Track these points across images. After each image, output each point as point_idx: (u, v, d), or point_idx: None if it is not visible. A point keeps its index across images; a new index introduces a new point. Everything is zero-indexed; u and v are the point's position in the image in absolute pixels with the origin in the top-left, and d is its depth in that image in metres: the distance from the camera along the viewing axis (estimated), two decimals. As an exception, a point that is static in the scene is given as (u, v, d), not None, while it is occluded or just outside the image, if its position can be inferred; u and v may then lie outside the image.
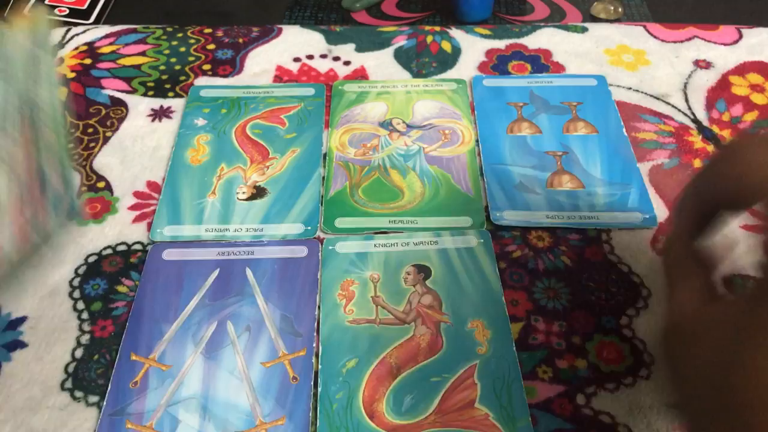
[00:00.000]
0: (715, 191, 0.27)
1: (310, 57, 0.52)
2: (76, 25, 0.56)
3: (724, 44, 0.53)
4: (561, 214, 0.40)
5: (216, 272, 0.37)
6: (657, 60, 0.51)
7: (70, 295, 0.37)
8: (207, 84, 0.50)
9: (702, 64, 0.51)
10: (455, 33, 0.54)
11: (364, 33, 0.55)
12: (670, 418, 0.32)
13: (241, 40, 0.54)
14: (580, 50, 0.52)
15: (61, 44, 0.53)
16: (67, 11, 0.58)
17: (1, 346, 0.34)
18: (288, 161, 0.44)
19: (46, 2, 0.59)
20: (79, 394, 0.33)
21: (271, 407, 0.32)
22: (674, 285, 0.28)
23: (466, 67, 0.51)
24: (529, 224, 0.40)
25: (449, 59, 0.52)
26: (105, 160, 0.44)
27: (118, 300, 0.36)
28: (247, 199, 0.41)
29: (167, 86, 0.50)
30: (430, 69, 0.51)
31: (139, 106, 0.48)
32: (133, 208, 0.41)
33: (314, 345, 0.34)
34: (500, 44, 0.53)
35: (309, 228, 0.40)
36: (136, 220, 0.40)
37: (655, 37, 0.53)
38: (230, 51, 0.53)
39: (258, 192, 0.42)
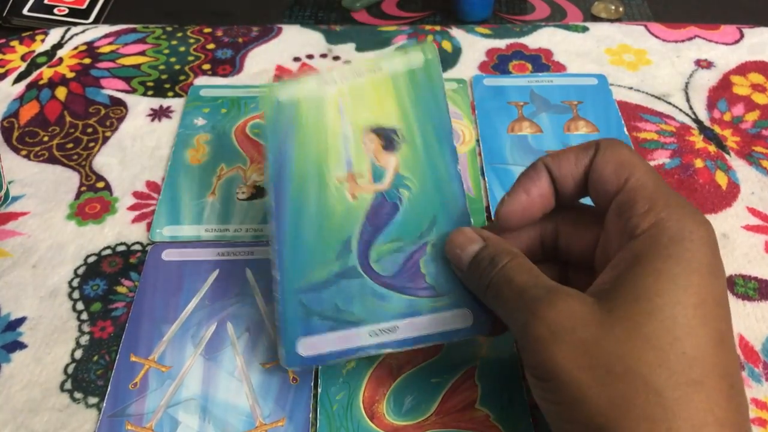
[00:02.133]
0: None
1: (310, 56, 0.52)
2: (75, 24, 0.56)
3: (726, 44, 0.52)
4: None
5: (216, 273, 0.37)
6: (658, 59, 0.51)
7: (70, 295, 0.37)
8: (207, 84, 0.50)
9: (703, 64, 0.51)
10: (456, 32, 0.54)
11: (364, 32, 0.54)
12: None
13: (240, 40, 0.54)
14: (581, 50, 0.52)
15: (61, 44, 0.53)
16: (67, 11, 0.58)
17: (0, 347, 0.34)
18: (288, 161, 0.44)
19: (46, 2, 0.59)
20: (78, 395, 0.32)
21: (270, 408, 0.32)
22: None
23: (467, 67, 0.51)
24: (530, 224, 0.39)
25: (450, 59, 0.52)
26: (104, 160, 0.44)
27: (117, 301, 0.36)
28: (246, 199, 0.41)
29: (167, 86, 0.50)
30: (431, 68, 0.51)
31: (139, 105, 0.48)
32: (132, 208, 0.41)
33: (314, 346, 0.34)
34: (501, 44, 0.53)
35: (309, 228, 0.39)
36: (136, 220, 0.40)
37: (656, 36, 0.53)
38: (230, 50, 0.53)
39: (258, 192, 0.42)
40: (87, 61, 0.52)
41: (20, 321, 0.35)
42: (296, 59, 0.52)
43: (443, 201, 0.32)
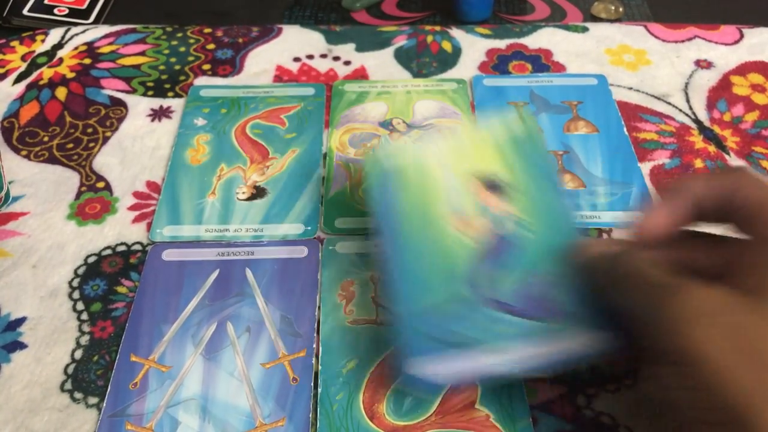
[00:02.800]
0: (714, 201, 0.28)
1: (310, 57, 0.52)
2: (75, 24, 0.56)
3: (725, 44, 0.53)
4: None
5: (216, 273, 0.37)
6: (658, 60, 0.51)
7: (70, 295, 0.37)
8: (207, 84, 0.50)
9: (703, 64, 0.51)
10: (455, 33, 0.54)
11: (364, 33, 0.54)
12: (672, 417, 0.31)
13: (240, 40, 0.54)
14: (581, 50, 0.52)
15: (61, 44, 0.53)
16: (67, 11, 0.58)
17: (0, 347, 0.34)
18: (288, 161, 0.44)
19: (46, 2, 0.59)
20: (78, 395, 0.32)
21: (271, 408, 0.32)
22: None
23: (467, 67, 0.51)
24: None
25: (449, 59, 0.52)
26: (104, 160, 0.44)
27: (117, 301, 0.36)
28: (247, 199, 0.41)
29: (167, 86, 0.50)
30: (431, 69, 0.51)
31: (139, 106, 0.48)
32: (132, 208, 0.41)
33: (314, 346, 0.34)
34: (501, 44, 0.53)
35: (309, 228, 0.39)
36: (136, 220, 0.40)
37: (656, 36, 0.53)
38: (230, 51, 0.53)
39: (258, 192, 0.42)
40: (87, 61, 0.52)
41: (20, 321, 0.35)
42: (296, 59, 0.52)
43: (558, 236, 0.32)
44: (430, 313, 0.30)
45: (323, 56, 0.52)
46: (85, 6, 0.59)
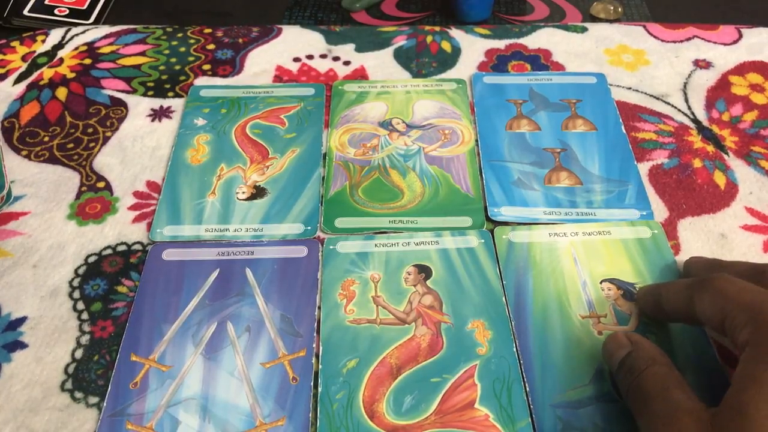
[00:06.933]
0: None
1: (310, 57, 0.52)
2: (76, 25, 0.56)
3: (724, 44, 0.53)
4: (558, 210, 0.40)
5: (216, 272, 0.37)
6: (657, 60, 0.51)
7: (70, 295, 0.37)
8: (207, 84, 0.50)
9: (702, 64, 0.51)
10: (455, 33, 0.54)
11: (364, 33, 0.55)
12: None
13: (241, 40, 0.54)
14: (580, 50, 0.52)
15: (61, 44, 0.53)
16: (67, 11, 0.58)
17: (1, 346, 0.34)
18: (288, 161, 0.44)
19: (47, 2, 0.59)
20: (79, 395, 0.33)
21: (271, 408, 0.32)
22: None
23: (466, 67, 0.51)
24: (527, 220, 0.40)
25: (449, 59, 0.52)
26: (105, 160, 0.44)
27: (118, 300, 0.36)
28: (246, 199, 0.41)
29: (167, 86, 0.50)
30: (430, 69, 0.51)
31: (139, 106, 0.48)
32: (132, 208, 0.41)
33: (314, 345, 0.34)
34: (500, 44, 0.53)
35: (309, 228, 0.40)
36: (136, 220, 0.40)
37: (654, 36, 0.53)
38: (230, 51, 0.53)
39: (258, 192, 0.42)
40: (87, 61, 0.52)
41: (21, 321, 0.36)
42: (296, 60, 0.52)
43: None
44: (573, 405, 0.31)
45: (323, 56, 0.52)
46: (85, 6, 0.59)
